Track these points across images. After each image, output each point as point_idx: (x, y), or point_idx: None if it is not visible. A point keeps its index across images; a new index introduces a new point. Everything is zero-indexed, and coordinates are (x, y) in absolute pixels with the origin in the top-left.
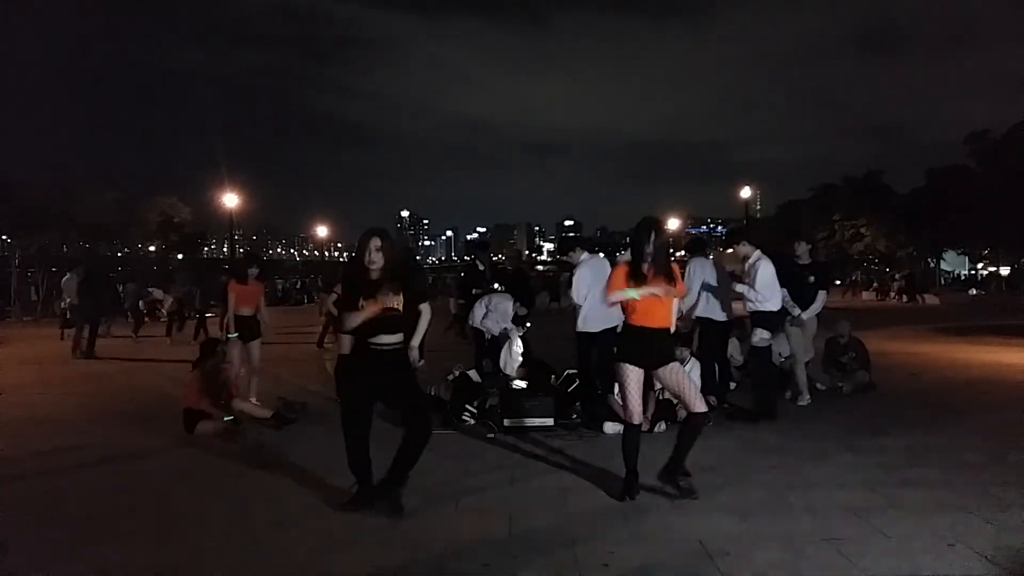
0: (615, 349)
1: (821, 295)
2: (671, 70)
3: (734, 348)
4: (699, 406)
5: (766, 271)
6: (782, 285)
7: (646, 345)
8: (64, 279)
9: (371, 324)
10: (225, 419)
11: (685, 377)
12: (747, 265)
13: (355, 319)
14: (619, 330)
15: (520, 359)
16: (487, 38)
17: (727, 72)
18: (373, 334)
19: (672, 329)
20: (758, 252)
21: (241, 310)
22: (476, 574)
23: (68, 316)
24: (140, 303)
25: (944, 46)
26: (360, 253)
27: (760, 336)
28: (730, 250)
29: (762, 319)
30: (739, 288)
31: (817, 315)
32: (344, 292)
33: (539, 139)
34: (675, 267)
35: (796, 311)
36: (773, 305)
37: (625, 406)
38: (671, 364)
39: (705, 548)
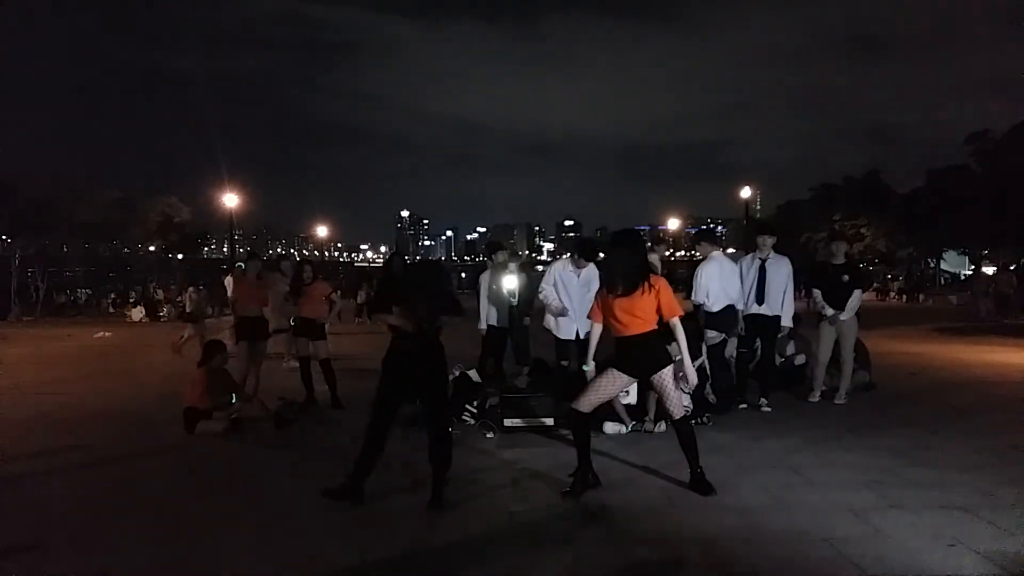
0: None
1: (856, 294)
2: (669, 72)
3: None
4: (676, 413)
5: (708, 271)
6: (816, 286)
7: (633, 354)
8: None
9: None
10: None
11: (670, 382)
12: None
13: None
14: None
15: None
16: (485, 42)
17: (725, 74)
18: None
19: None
20: (716, 252)
21: (247, 310)
22: (476, 572)
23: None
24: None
25: (942, 47)
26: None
27: (708, 336)
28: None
29: (709, 319)
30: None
31: (857, 315)
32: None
33: (539, 140)
34: (660, 282)
35: (829, 311)
36: (715, 305)
37: (583, 392)
38: (662, 371)
39: (704, 548)
